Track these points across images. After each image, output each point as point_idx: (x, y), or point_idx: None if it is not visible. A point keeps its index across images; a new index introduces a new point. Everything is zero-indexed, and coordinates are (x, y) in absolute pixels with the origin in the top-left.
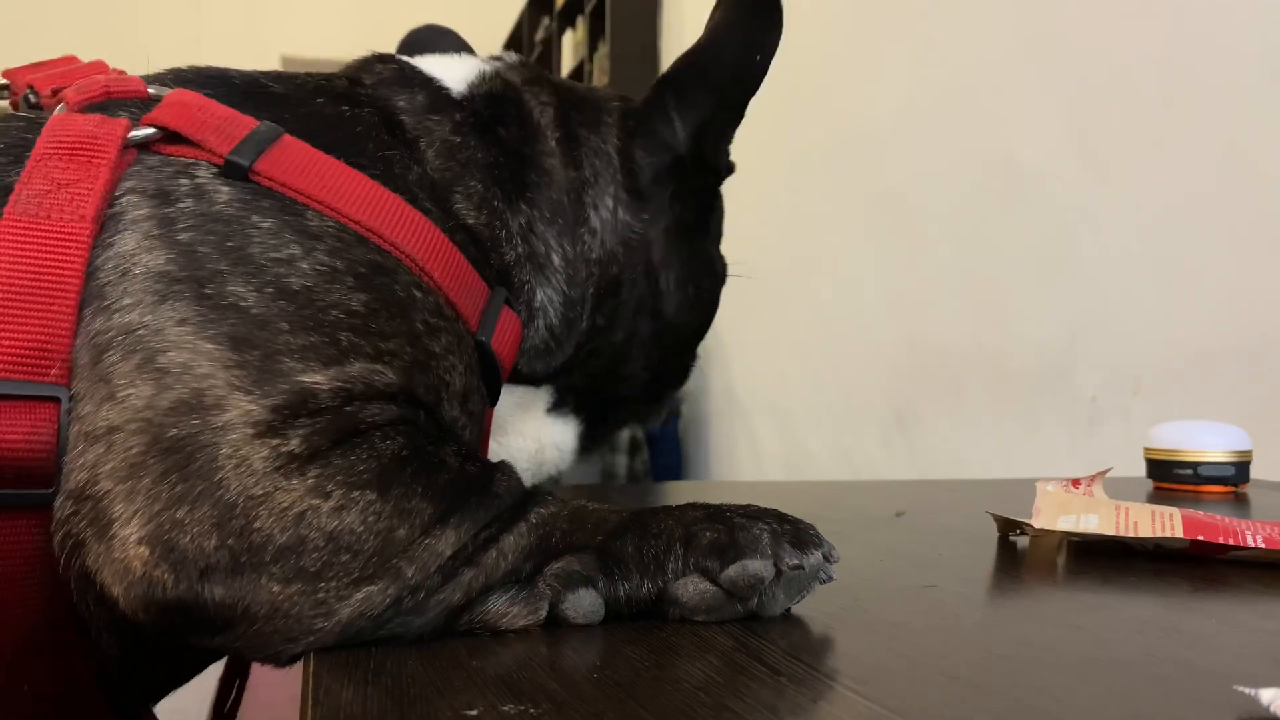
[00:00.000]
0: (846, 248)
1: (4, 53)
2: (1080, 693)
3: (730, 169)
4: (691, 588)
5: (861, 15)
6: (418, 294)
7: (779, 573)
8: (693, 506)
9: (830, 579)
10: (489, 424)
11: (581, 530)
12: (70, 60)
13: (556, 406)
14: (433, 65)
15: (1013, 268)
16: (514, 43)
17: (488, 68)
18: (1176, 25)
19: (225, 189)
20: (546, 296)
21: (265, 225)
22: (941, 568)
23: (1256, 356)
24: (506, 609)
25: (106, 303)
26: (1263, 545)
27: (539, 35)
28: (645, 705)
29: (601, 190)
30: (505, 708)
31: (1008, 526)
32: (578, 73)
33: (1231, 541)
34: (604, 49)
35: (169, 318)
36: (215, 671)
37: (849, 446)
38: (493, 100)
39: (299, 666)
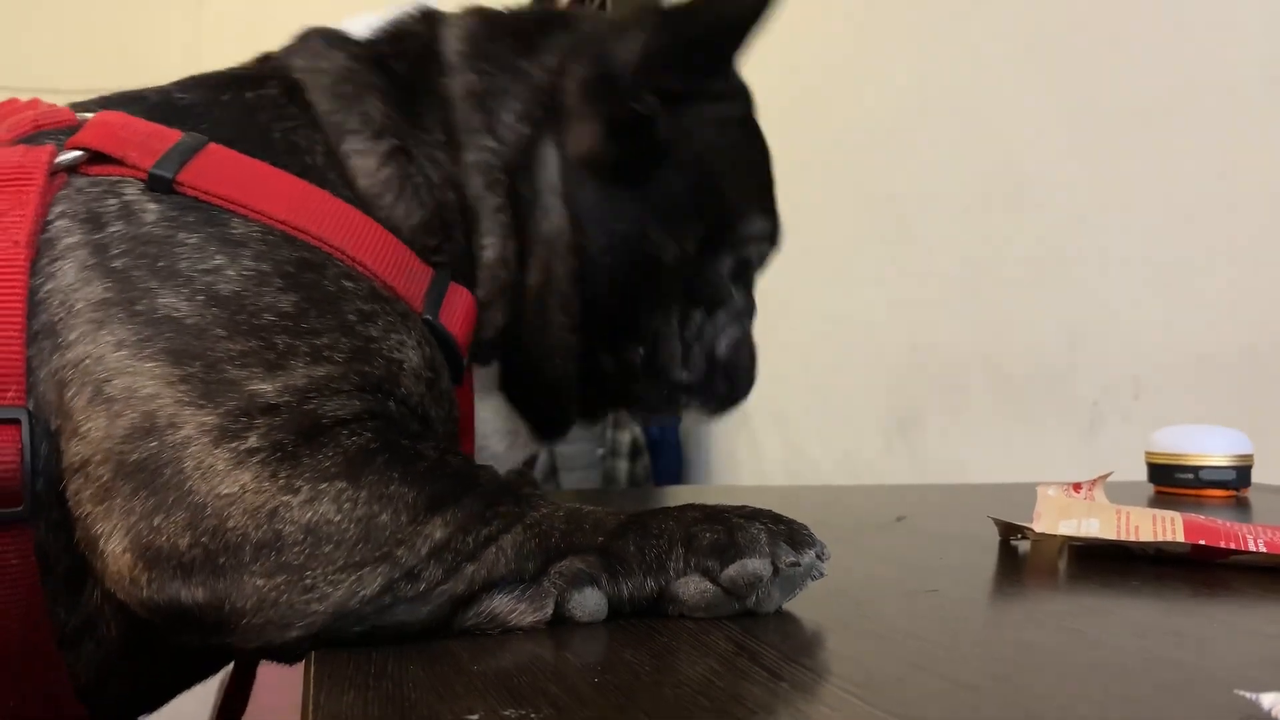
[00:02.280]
0: (847, 252)
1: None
2: (1081, 697)
3: (696, 105)
4: (692, 587)
5: (862, 21)
6: (347, 284)
7: (776, 570)
8: (690, 508)
9: (822, 575)
10: (469, 406)
11: (580, 531)
12: (10, 103)
13: (504, 386)
14: (352, 21)
15: (1013, 272)
16: None
17: (405, 12)
18: (1177, 31)
19: (152, 206)
20: (474, 246)
21: (191, 240)
22: (942, 572)
23: (1257, 360)
24: (513, 606)
25: (60, 339)
26: (1264, 549)
27: None
28: (645, 709)
29: (504, 101)
30: (506, 712)
31: (1009, 531)
32: None
33: (1233, 546)
34: None
35: (106, 343)
36: (216, 676)
37: (850, 451)
38: (394, 38)
39: (299, 670)
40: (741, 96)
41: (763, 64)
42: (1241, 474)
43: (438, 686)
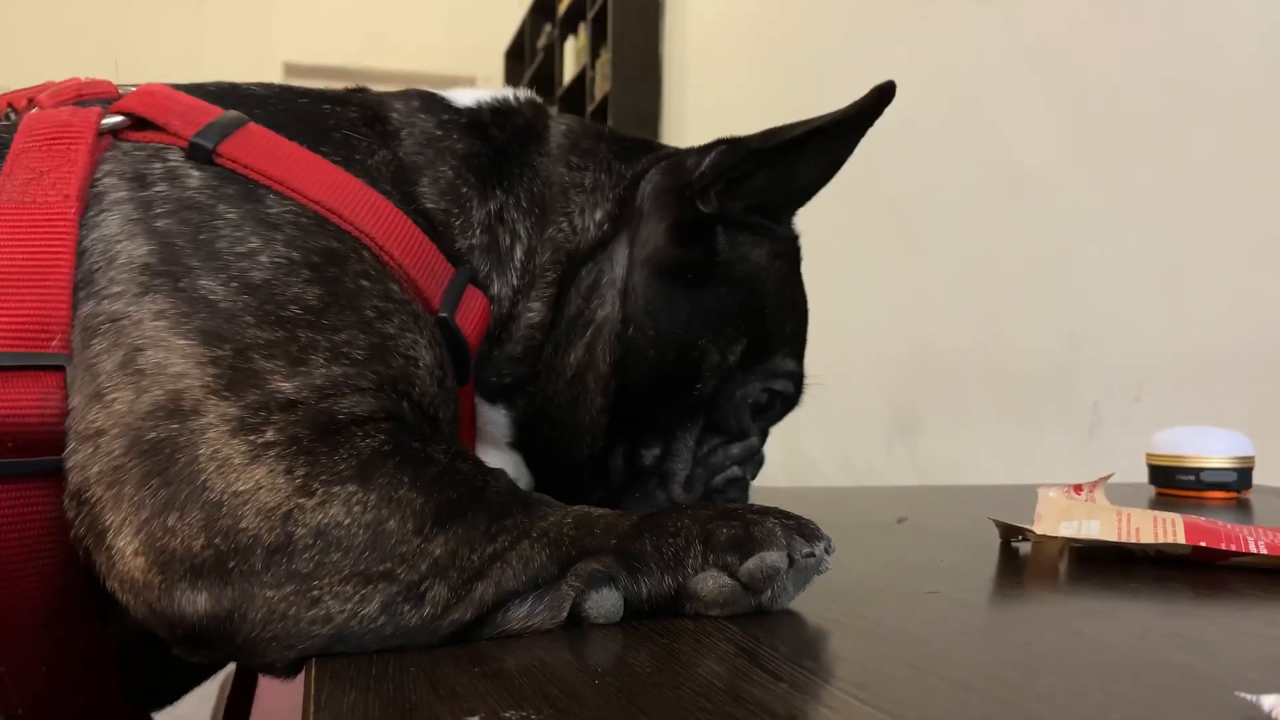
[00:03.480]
0: (849, 254)
1: (7, 59)
2: (1082, 698)
3: (759, 227)
4: (711, 582)
5: (864, 22)
6: (365, 283)
7: (791, 562)
8: (701, 506)
9: (828, 569)
10: (470, 405)
11: (590, 535)
12: (48, 86)
13: (512, 441)
14: (457, 90)
15: (1014, 274)
16: (516, 50)
17: (513, 95)
18: (1177, 32)
19: (195, 173)
20: (501, 288)
21: (230, 215)
22: (943, 573)
23: (1258, 361)
24: (529, 613)
25: (96, 288)
26: (1265, 551)
27: (541, 42)
28: (646, 710)
29: (595, 196)
30: (507, 714)
31: (1009, 532)
32: (579, 79)
33: (1233, 547)
34: (605, 56)
35: (149, 310)
36: (218, 677)
37: (851, 452)
38: (498, 112)
39: (301, 671)
40: (793, 246)
41: (763, 65)
42: (1242, 476)
43: (439, 688)
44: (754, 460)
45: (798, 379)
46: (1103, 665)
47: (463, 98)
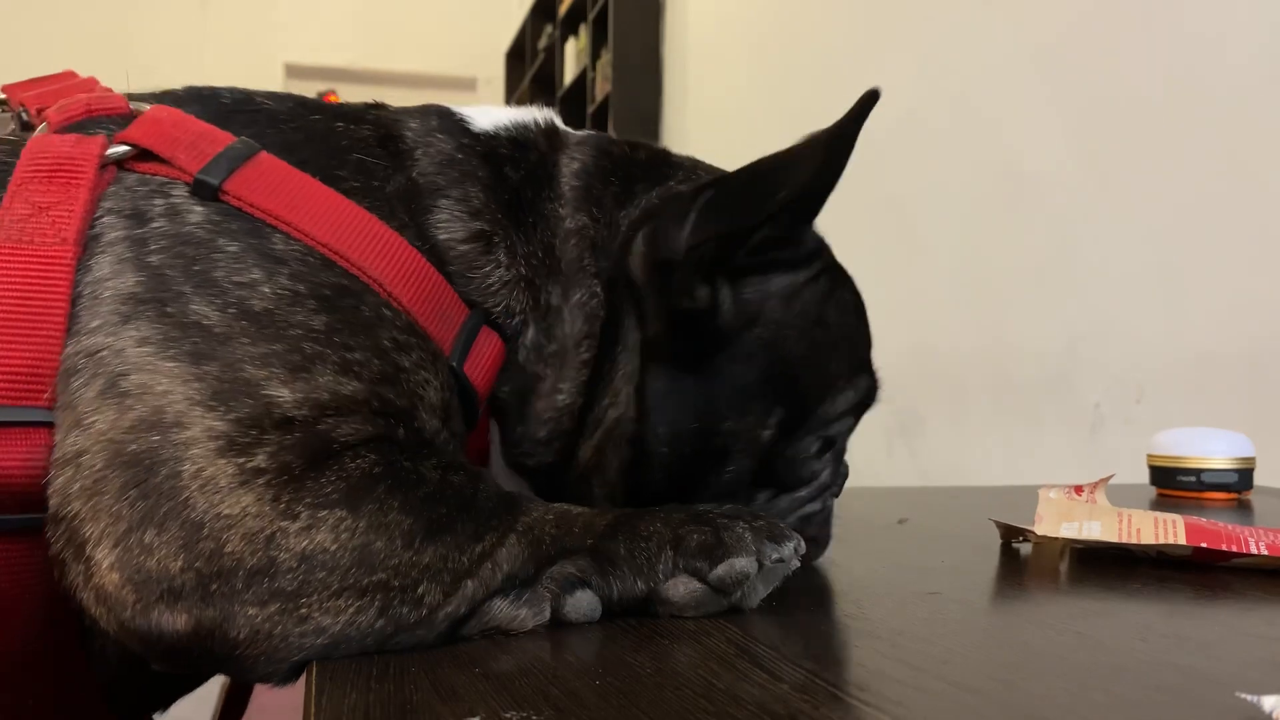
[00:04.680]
0: (849, 255)
1: (8, 61)
2: (1082, 699)
3: (733, 315)
4: (681, 588)
5: (864, 24)
6: (386, 313)
7: (760, 566)
8: (675, 508)
9: (798, 566)
10: (483, 444)
11: (570, 535)
12: (66, 76)
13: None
14: (476, 110)
15: (1015, 275)
16: (517, 51)
17: (532, 118)
18: (1178, 34)
19: (198, 209)
20: (525, 338)
21: (231, 249)
22: (944, 574)
23: (1259, 363)
24: (512, 613)
25: (76, 326)
26: (1266, 552)
27: (541, 43)
28: (646, 711)
29: (605, 264)
30: (508, 714)
31: (1010, 533)
32: (580, 80)
33: (1234, 548)
34: (606, 57)
35: (130, 338)
36: (217, 678)
37: (851, 453)
38: (515, 143)
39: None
40: (815, 257)
41: (763, 65)
42: (1243, 477)
43: (439, 689)
44: (834, 488)
45: (864, 396)
46: (1104, 666)
47: (481, 120)
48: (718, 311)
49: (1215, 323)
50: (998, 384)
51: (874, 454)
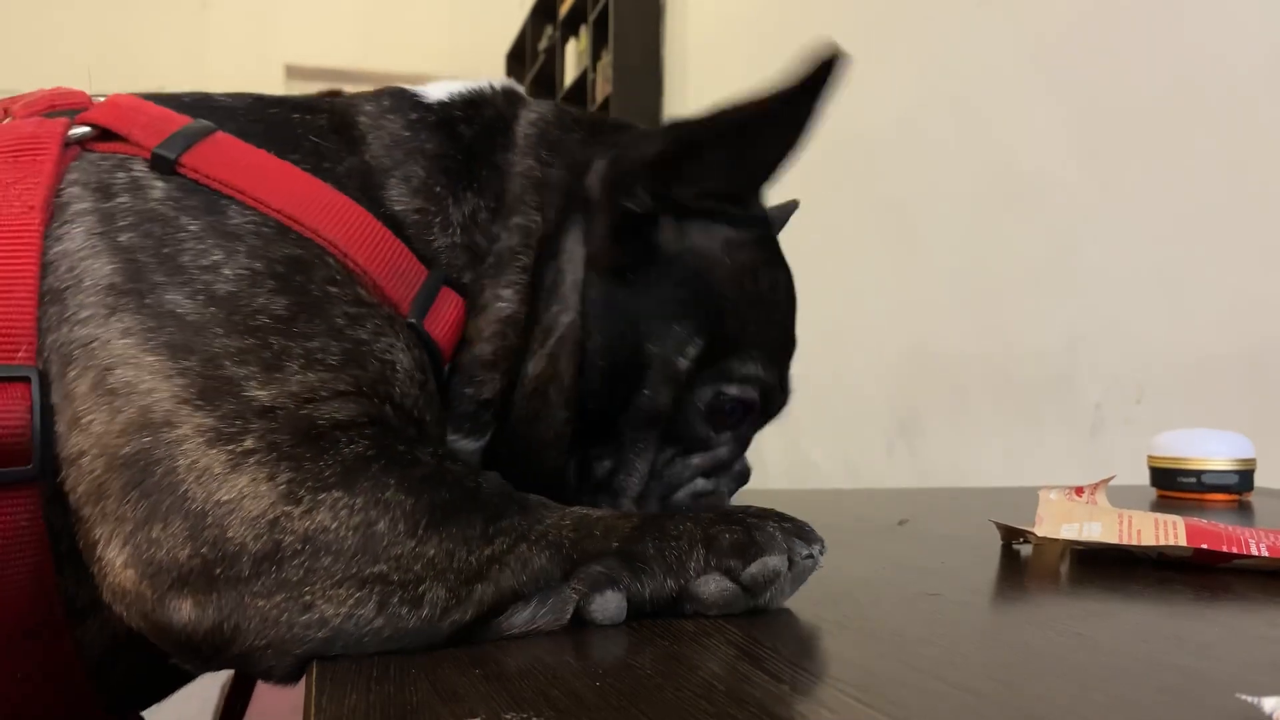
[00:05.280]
0: (850, 256)
1: (7, 60)
2: (1083, 701)
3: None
4: (713, 585)
5: (864, 23)
6: (332, 289)
7: (791, 564)
8: (704, 509)
9: (820, 567)
10: None
11: (590, 538)
12: (36, 93)
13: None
14: (434, 84)
15: (1016, 276)
16: (517, 52)
17: (489, 85)
18: (1179, 35)
19: (159, 184)
20: (473, 283)
21: (193, 227)
22: (944, 576)
23: (1260, 364)
24: (533, 615)
25: (68, 312)
26: (1266, 554)
27: (542, 44)
28: (647, 713)
29: (554, 192)
30: (508, 715)
31: (1011, 534)
32: (581, 81)
33: (1235, 550)
34: (607, 58)
35: (116, 329)
36: (218, 679)
37: (852, 454)
38: (469, 105)
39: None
40: (761, 225)
41: (763, 66)
42: (1244, 478)
43: (440, 690)
44: (729, 473)
45: (766, 386)
46: (1104, 667)
47: (435, 92)
48: (658, 226)
49: (1216, 324)
50: (998, 385)
51: (874, 455)
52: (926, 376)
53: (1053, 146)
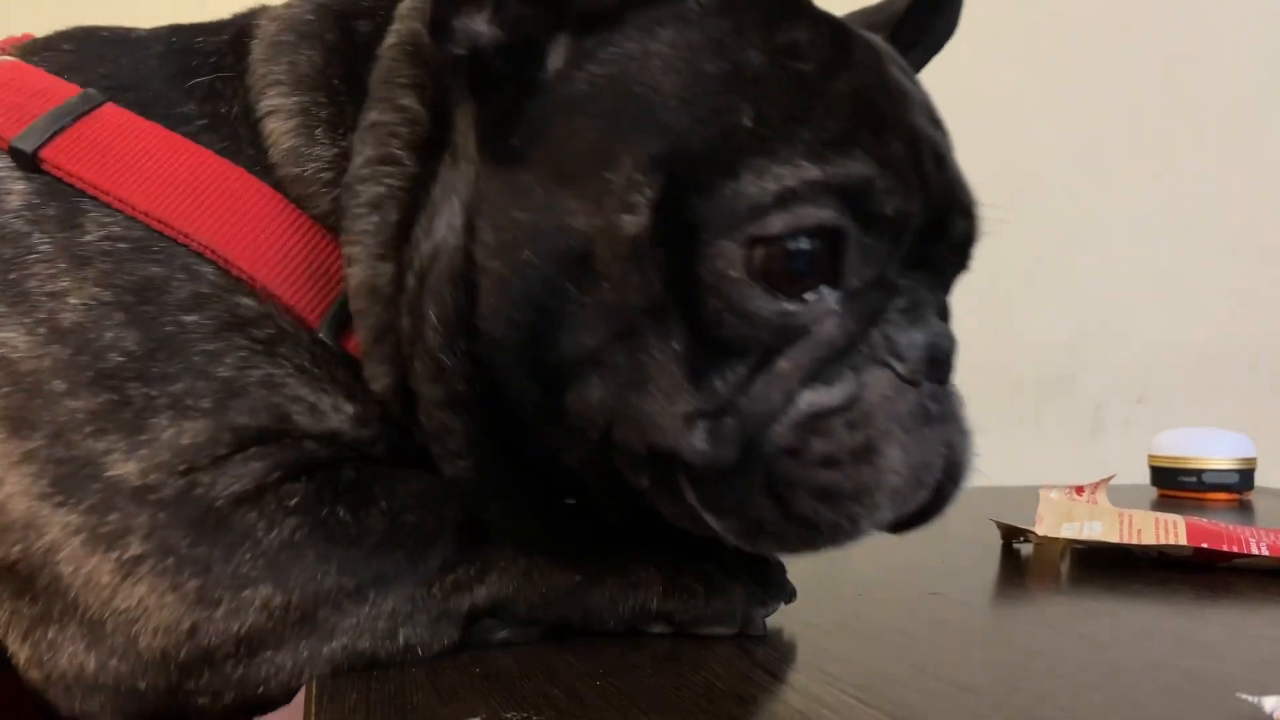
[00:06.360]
0: None
1: None
2: (1084, 699)
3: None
4: (656, 629)
5: None
6: (187, 317)
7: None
8: (669, 553)
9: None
10: None
11: (538, 596)
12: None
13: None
14: None
15: (1016, 276)
16: None
17: None
18: (1180, 35)
19: (18, 188)
20: (365, 225)
21: (44, 246)
22: (945, 575)
23: (1260, 364)
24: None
25: None
26: (1266, 553)
27: None
28: (647, 712)
29: (420, 69)
30: (508, 715)
31: (1011, 534)
32: None
33: (1235, 549)
34: None
35: None
36: None
37: None
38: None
39: None
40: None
41: None
42: (1244, 477)
43: (440, 689)
44: (877, 358)
45: (851, 185)
46: (1104, 666)
47: None
48: (539, 57)
49: (1217, 323)
50: (998, 384)
51: None
52: None
53: (1053, 147)
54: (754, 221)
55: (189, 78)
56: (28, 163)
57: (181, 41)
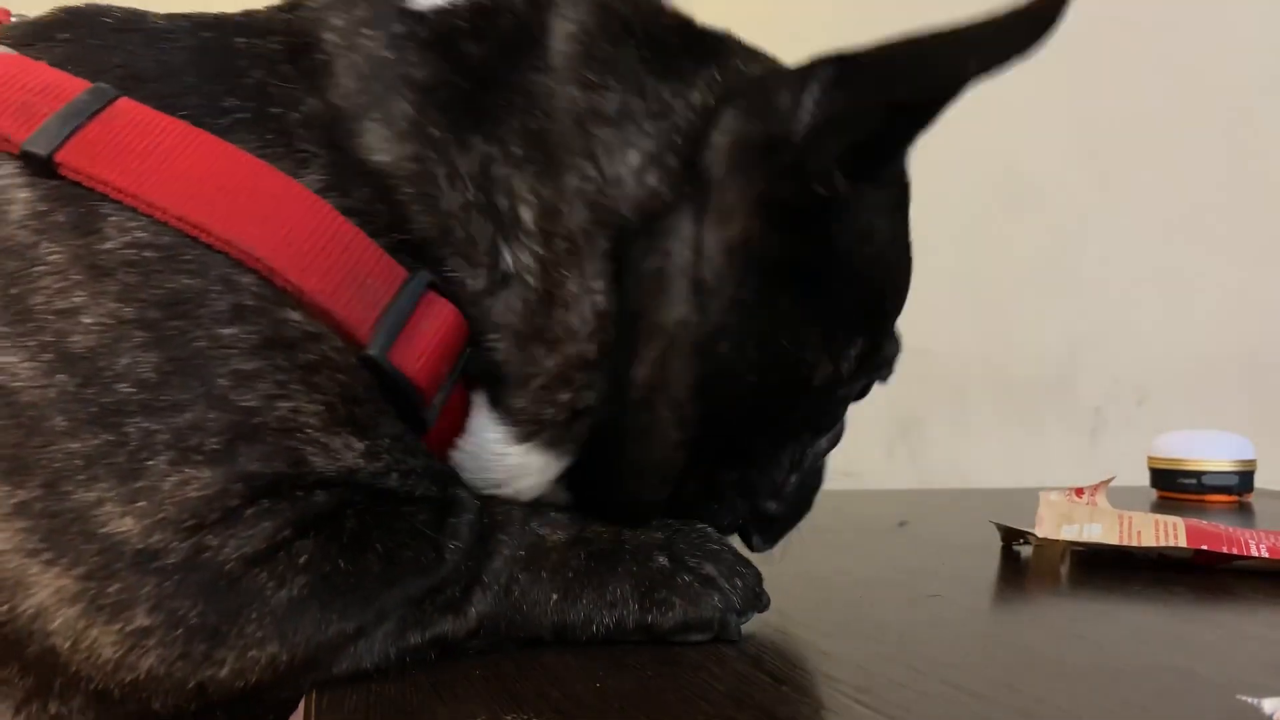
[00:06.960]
0: None
1: None
2: (1084, 702)
3: (888, 180)
4: (635, 637)
5: (864, 24)
6: (225, 330)
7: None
8: (653, 549)
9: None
10: (457, 419)
11: (524, 618)
12: None
13: (571, 486)
14: None
15: (1016, 277)
16: None
17: None
18: (1180, 37)
19: (23, 195)
20: (518, 257)
21: (54, 257)
22: (944, 577)
23: (1260, 365)
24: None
25: None
26: (1266, 555)
27: None
28: (648, 714)
29: (628, 134)
30: (508, 717)
31: (1011, 536)
32: None
33: (1235, 551)
34: None
35: None
36: None
37: (851, 455)
38: (477, 12)
39: None
40: (904, 181)
41: None
42: (1244, 479)
43: (440, 691)
44: (835, 432)
45: (897, 350)
46: (1104, 669)
47: None
48: (834, 214)
49: (1216, 325)
50: (998, 386)
51: (873, 456)
52: (927, 378)
53: (1053, 149)
54: (876, 373)
55: (227, 71)
56: (42, 168)
57: (217, 40)
